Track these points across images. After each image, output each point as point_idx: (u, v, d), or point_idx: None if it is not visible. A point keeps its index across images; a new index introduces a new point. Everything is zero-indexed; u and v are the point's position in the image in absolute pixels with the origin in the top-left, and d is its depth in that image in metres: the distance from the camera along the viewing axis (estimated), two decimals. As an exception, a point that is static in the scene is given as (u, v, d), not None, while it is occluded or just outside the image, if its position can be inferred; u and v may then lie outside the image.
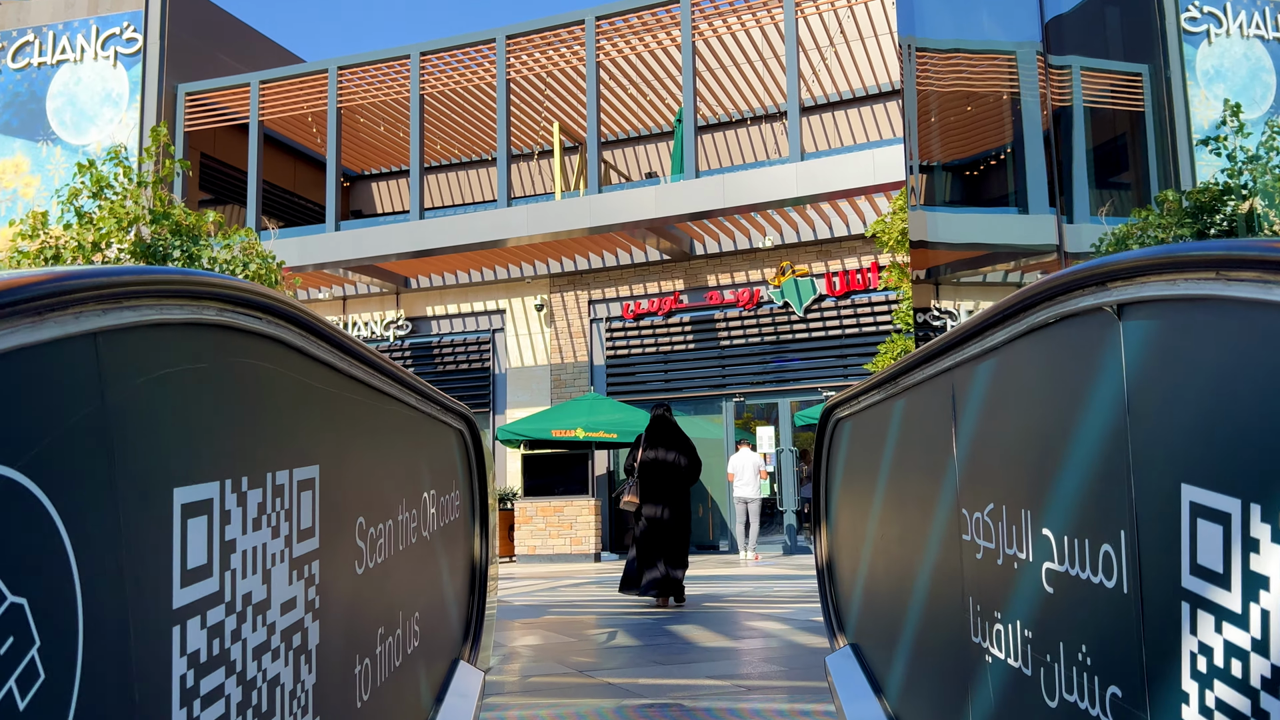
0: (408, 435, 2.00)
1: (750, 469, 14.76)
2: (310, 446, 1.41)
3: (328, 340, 1.45)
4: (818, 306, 16.12)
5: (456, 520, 2.50)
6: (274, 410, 1.29)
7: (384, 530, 1.78)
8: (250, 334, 1.19)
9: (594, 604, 8.15)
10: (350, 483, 1.60)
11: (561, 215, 15.36)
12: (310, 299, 19.66)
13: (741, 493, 14.55)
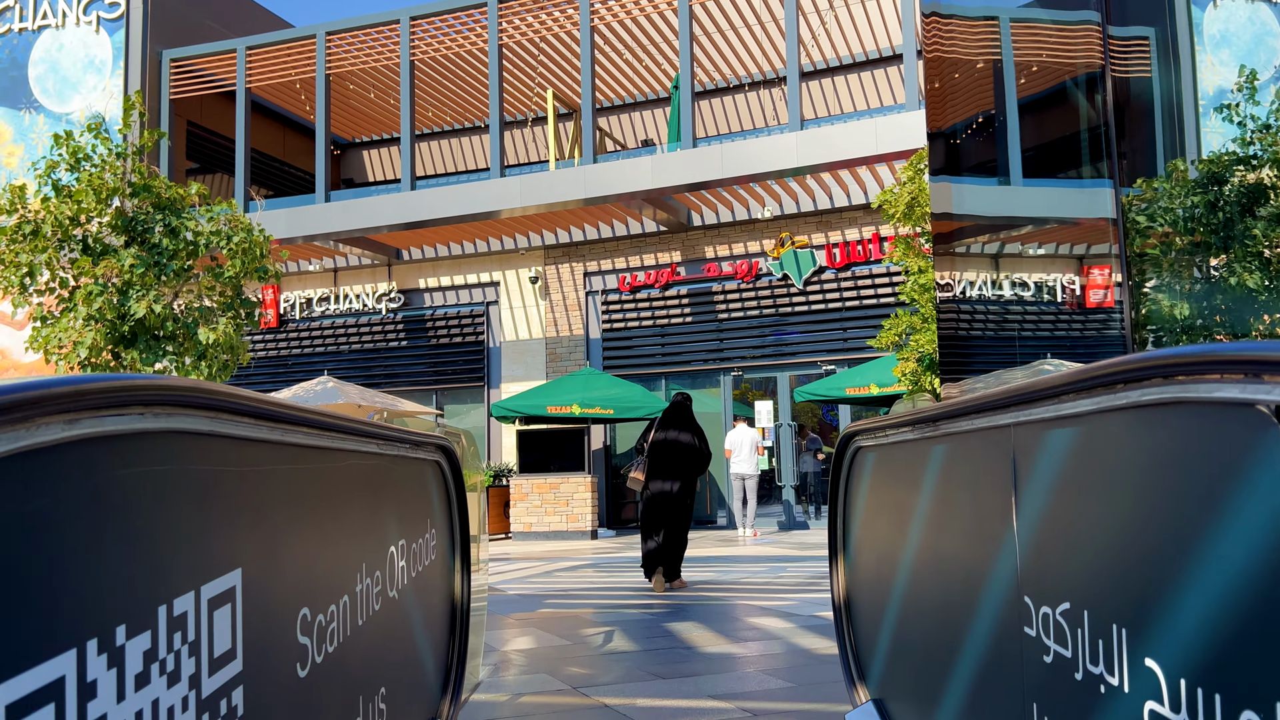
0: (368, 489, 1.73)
1: (748, 445, 14.51)
2: (228, 548, 1.13)
3: (248, 413, 1.16)
4: (817, 279, 15.81)
5: (433, 561, 2.24)
6: (167, 524, 1.01)
7: (337, 612, 1.51)
8: (120, 439, 0.90)
9: (590, 593, 7.93)
10: (289, 573, 1.33)
11: (556, 186, 14.99)
12: (300, 271, 19.32)
13: (738, 469, 14.30)
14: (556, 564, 10.64)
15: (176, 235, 12.65)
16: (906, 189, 9.71)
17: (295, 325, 19.45)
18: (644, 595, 7.60)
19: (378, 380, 18.56)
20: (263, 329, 19.52)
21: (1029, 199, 3.89)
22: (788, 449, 15.90)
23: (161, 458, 0.97)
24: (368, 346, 18.82)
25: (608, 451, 16.96)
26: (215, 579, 1.08)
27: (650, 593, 7.73)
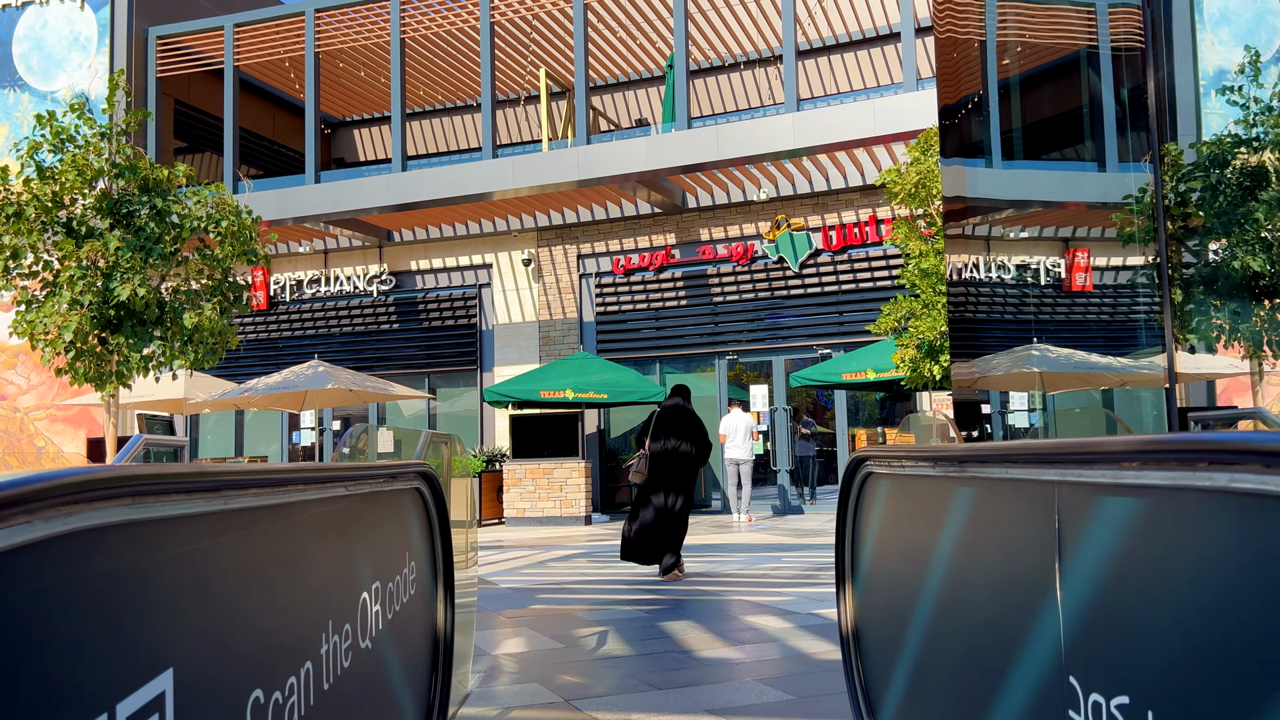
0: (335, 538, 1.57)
1: (742, 430, 14.39)
2: (155, 649, 0.97)
3: (179, 490, 0.99)
4: (813, 261, 15.63)
5: (413, 596, 2.08)
6: (68, 643, 0.84)
7: (297, 684, 1.35)
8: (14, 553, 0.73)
9: (584, 586, 7.79)
10: (237, 656, 1.17)
11: (549, 168, 14.76)
12: (290, 253, 19.08)
13: (733, 454, 14.18)
14: (549, 552, 10.51)
15: (163, 218, 12.41)
16: (914, 169, 9.51)
17: (285, 307, 19.23)
18: (638, 589, 7.48)
19: (369, 363, 18.37)
20: (253, 311, 19.29)
21: (1050, 183, 3.74)
22: (783, 433, 15.78)
23: (62, 565, 0.81)
24: (359, 329, 18.62)
25: (602, 436, 16.82)
26: (137, 690, 0.92)
27: (644, 586, 7.61)
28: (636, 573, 8.50)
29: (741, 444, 14.23)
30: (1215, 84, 8.19)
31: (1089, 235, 3.77)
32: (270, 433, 19.27)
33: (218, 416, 19.45)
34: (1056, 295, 3.84)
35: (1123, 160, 3.44)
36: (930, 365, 9.59)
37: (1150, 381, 3.42)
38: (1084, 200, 3.61)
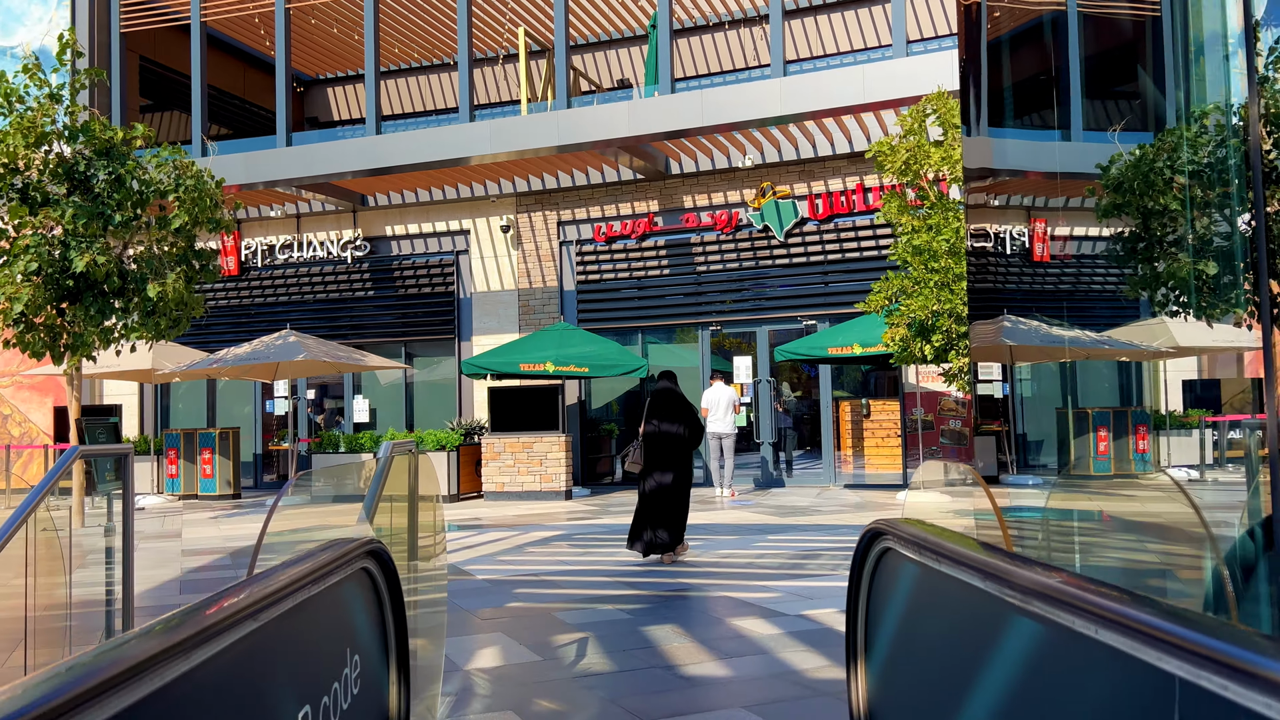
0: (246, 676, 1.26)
1: (724, 404, 14.13)
2: None
3: None
4: (799, 230, 15.28)
5: (356, 696, 1.78)
6: None
7: None
8: None
9: (564, 578, 7.53)
10: None
11: (528, 132, 14.29)
12: (261, 217, 18.53)
13: (715, 428, 13.91)
14: (528, 534, 10.24)
15: (121, 183, 11.90)
16: (904, 144, 9.16)
17: (257, 273, 18.72)
18: (619, 581, 7.22)
19: (343, 331, 17.95)
20: (223, 277, 18.78)
21: (1091, 154, 3.45)
22: (766, 405, 15.53)
23: None
24: (333, 296, 18.17)
25: (583, 407, 16.53)
26: None
27: (625, 577, 7.36)
28: (617, 560, 8.25)
29: (723, 418, 13.98)
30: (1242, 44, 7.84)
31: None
32: (243, 399, 18.86)
33: (189, 384, 19.00)
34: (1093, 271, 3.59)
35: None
36: (920, 344, 9.32)
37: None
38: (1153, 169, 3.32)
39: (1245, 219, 3.16)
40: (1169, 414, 5.24)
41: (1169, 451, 4.90)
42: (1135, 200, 3.45)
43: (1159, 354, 3.65)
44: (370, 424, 17.87)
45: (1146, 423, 4.24)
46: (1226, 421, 4.88)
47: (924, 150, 9.00)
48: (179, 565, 8.62)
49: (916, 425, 14.61)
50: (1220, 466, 4.63)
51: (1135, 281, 3.31)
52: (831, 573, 7.31)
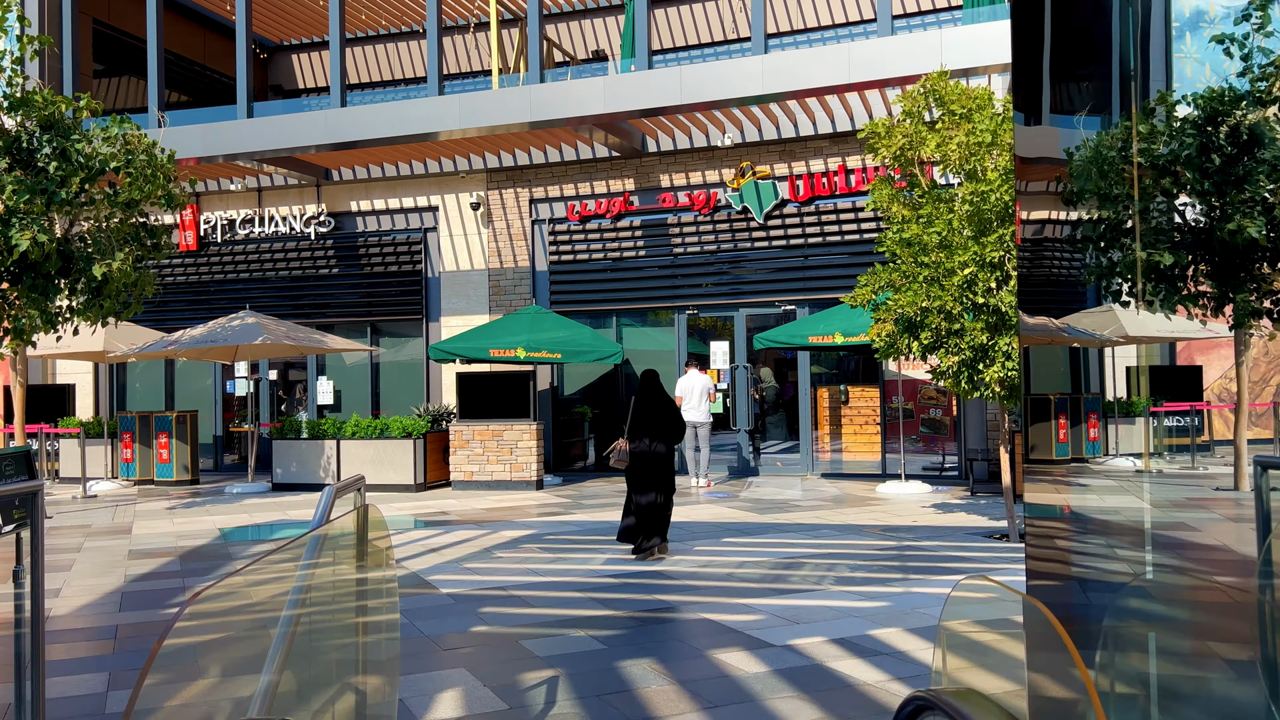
0: None
1: (698, 392, 13.76)
2: None
3: None
4: (779, 212, 14.83)
5: None
6: None
7: None
8: None
9: (534, 596, 7.10)
10: None
11: (499, 107, 13.70)
12: (221, 190, 17.81)
13: (690, 417, 13.53)
14: (498, 533, 9.81)
15: (66, 158, 11.22)
16: (902, 128, 8.70)
17: (216, 249, 18.03)
18: (593, 599, 6.81)
19: (307, 310, 17.34)
20: (181, 252, 18.08)
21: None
22: (743, 392, 15.15)
23: None
24: (295, 273, 17.53)
25: (555, 393, 16.07)
26: None
27: (599, 593, 6.96)
28: (590, 569, 7.85)
29: (698, 406, 13.62)
30: (1191, 27, 7.40)
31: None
32: (203, 379, 18.22)
33: (146, 364, 18.33)
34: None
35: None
36: (908, 341, 8.93)
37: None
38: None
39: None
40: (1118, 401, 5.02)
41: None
42: (1093, 186, 3.15)
43: (1109, 341, 3.43)
44: (335, 406, 17.33)
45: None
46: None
47: (920, 135, 8.56)
48: (124, 571, 8.11)
49: (897, 413, 14.29)
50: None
51: (1090, 269, 3.06)
52: (815, 588, 6.93)
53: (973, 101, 8.63)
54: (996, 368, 8.44)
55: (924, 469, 14.41)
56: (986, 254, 8.28)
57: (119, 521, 11.30)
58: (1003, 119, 8.43)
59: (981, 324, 8.46)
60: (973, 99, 8.67)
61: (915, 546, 8.52)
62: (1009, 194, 8.18)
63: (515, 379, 13.67)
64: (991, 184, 8.15)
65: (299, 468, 14.30)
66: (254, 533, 10.29)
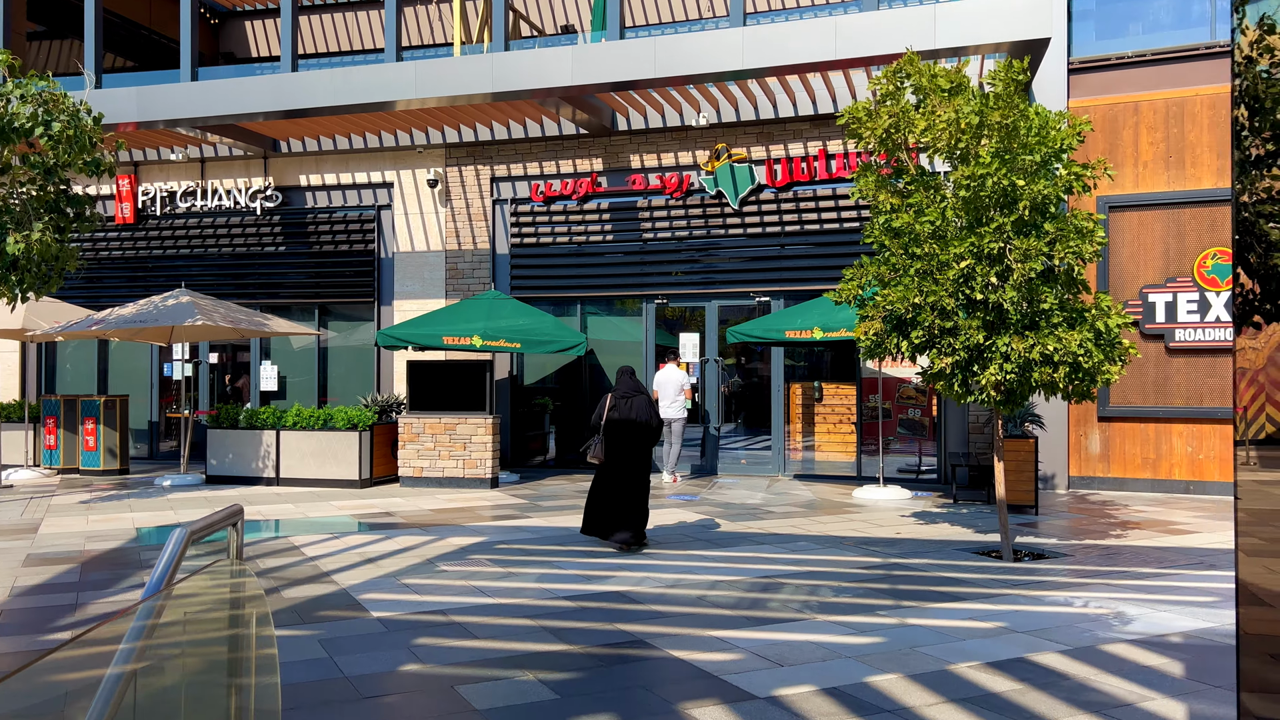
0: None
1: (673, 387, 13.02)
2: None
3: None
4: (755, 198, 14.03)
5: None
6: None
7: None
8: None
9: (477, 623, 6.25)
10: None
11: (458, 76, 12.74)
12: (161, 160, 16.67)
13: (664, 413, 12.82)
14: (444, 539, 8.94)
15: (-25, 118, 10.12)
16: (886, 109, 7.91)
17: (155, 222, 16.90)
18: (545, 629, 5.98)
19: (251, 290, 16.28)
20: (117, 225, 16.93)
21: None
22: (714, 387, 14.36)
23: None
24: (239, 250, 16.45)
25: (514, 384, 15.17)
26: None
27: (554, 619, 6.13)
28: (544, 588, 7.01)
29: (672, 401, 12.95)
30: None
31: None
32: (139, 362, 17.10)
33: (78, 344, 17.18)
34: None
35: None
36: (898, 340, 8.16)
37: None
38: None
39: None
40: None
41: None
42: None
43: None
44: (279, 393, 16.31)
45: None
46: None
47: (908, 117, 7.77)
48: (12, 582, 7.14)
49: (875, 413, 13.58)
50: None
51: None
52: (798, 616, 6.15)
53: (959, 77, 7.86)
54: (993, 370, 7.69)
55: (899, 471, 13.73)
56: (984, 245, 7.52)
57: (27, 518, 10.28)
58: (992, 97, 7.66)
59: (978, 322, 7.71)
60: (952, 77, 7.89)
61: (902, 565, 7.78)
62: (1006, 178, 7.42)
63: (471, 368, 12.77)
64: (988, 167, 7.38)
65: (235, 459, 13.30)
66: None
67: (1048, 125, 7.53)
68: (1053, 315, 7.58)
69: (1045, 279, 7.69)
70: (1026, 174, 7.48)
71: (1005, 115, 7.42)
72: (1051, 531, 9.46)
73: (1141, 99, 12.46)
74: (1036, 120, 7.52)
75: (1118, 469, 12.59)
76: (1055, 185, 7.44)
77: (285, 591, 6.83)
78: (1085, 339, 7.42)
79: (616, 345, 14.83)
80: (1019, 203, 7.45)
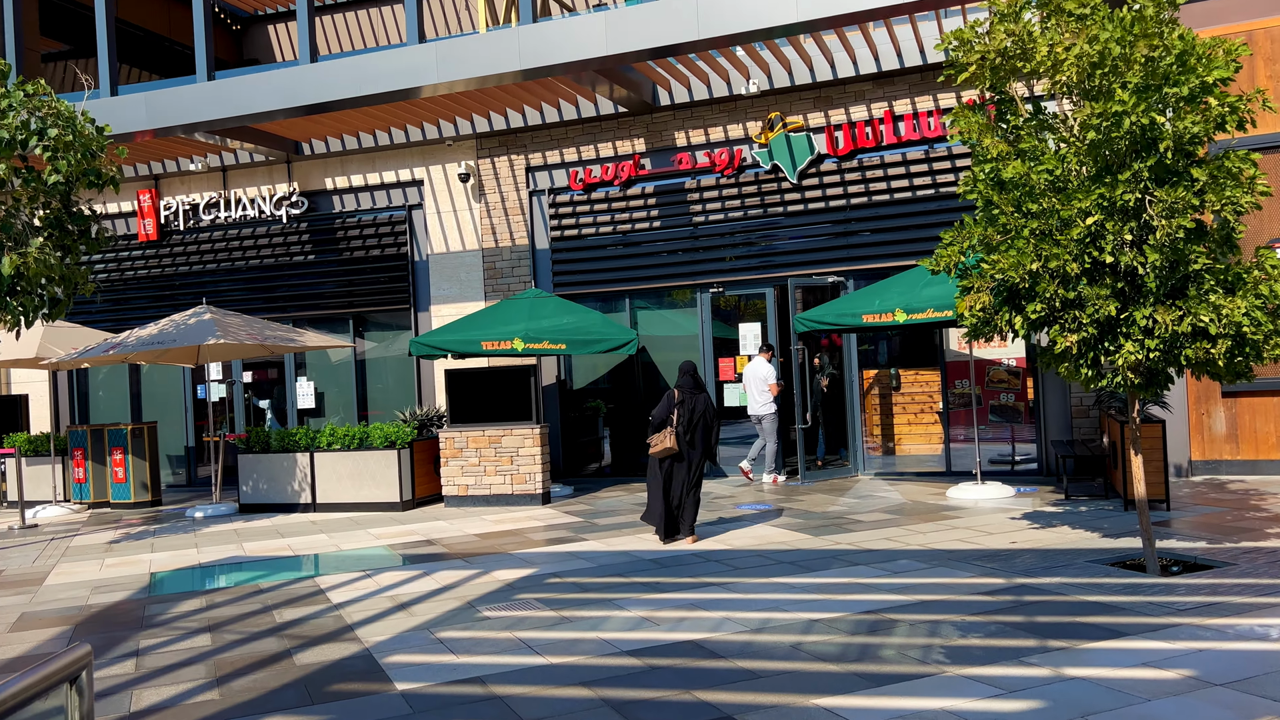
0: None
1: (756, 382, 12.17)
2: None
3: None
4: (815, 170, 12.72)
5: None
6: None
7: None
8: None
9: (525, 696, 5.11)
10: None
11: (484, 54, 11.59)
12: (181, 171, 15.83)
13: (754, 410, 12.31)
14: (490, 574, 7.84)
15: (-43, 128, 9.25)
16: (1003, 29, 6.57)
17: (179, 236, 16.08)
18: (610, 696, 4.82)
19: (281, 303, 15.38)
20: (140, 242, 16.15)
21: None
22: (796, 380, 13.08)
23: None
24: (268, 261, 15.55)
25: (563, 387, 14.05)
26: None
27: (613, 686, 4.98)
28: (605, 639, 5.85)
29: (760, 396, 12.09)
30: None
31: None
32: (172, 384, 16.30)
33: (110, 370, 16.45)
34: None
35: None
36: (1009, 315, 6.84)
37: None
38: None
39: None
40: None
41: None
42: None
43: None
44: (317, 410, 15.39)
45: None
46: None
47: (1030, 36, 6.44)
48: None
49: (966, 400, 12.20)
50: None
51: None
52: (921, 670, 4.89)
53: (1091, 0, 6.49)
54: (1131, 347, 6.34)
55: (991, 462, 12.35)
56: (1117, 196, 6.17)
57: (39, 565, 9.38)
58: (1133, 21, 6.27)
59: (1107, 290, 6.36)
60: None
61: (1033, 586, 6.47)
62: (1145, 115, 6.06)
63: (514, 375, 11.66)
64: (1125, 104, 6.02)
65: (269, 485, 12.36)
66: (190, 580, 8.33)
67: (1192, 51, 6.14)
68: (1204, 280, 6.20)
69: (1192, 237, 6.30)
70: (1170, 110, 6.11)
71: (1152, 44, 6.06)
72: (1194, 531, 8.06)
73: (1256, 27, 10.92)
74: (1179, 45, 6.14)
75: (1248, 450, 11.08)
76: (1207, 122, 6.05)
77: (299, 656, 5.75)
78: (1252, 306, 6.04)
79: (670, 341, 13.64)
80: (1160, 143, 6.08)
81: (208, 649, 6.01)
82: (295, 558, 9.10)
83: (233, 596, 7.53)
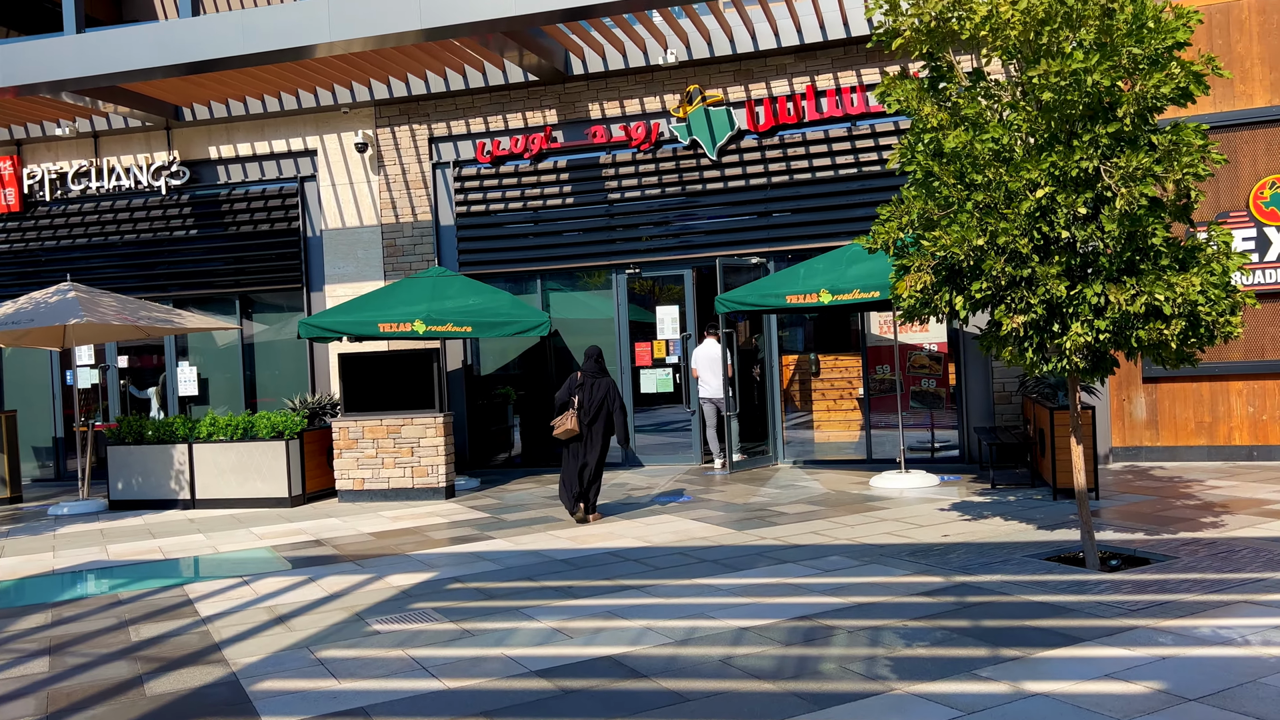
0: None
1: (705, 363, 11.73)
2: None
3: None
4: (736, 146, 12.17)
5: None
6: None
7: None
8: None
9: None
10: None
11: (383, 12, 10.65)
12: (47, 136, 14.44)
13: (705, 392, 11.86)
14: (384, 579, 7.08)
15: None
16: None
17: (45, 209, 14.71)
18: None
19: (161, 281, 14.18)
20: (1, 214, 14.72)
21: None
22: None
23: None
24: (145, 237, 14.32)
25: (470, 374, 13.25)
26: None
27: (527, 715, 4.30)
28: (511, 655, 5.17)
29: (713, 380, 11.80)
30: None
31: None
32: (39, 369, 14.93)
33: (-34, 352, 14.99)
34: None
35: None
36: (949, 295, 6.37)
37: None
38: None
39: None
40: None
41: None
42: None
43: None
44: (201, 398, 14.25)
45: None
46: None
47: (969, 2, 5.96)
48: None
49: (887, 386, 11.84)
50: None
51: None
52: (866, 687, 4.36)
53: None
54: (1079, 329, 5.92)
55: (911, 449, 12.04)
56: (1069, 165, 5.72)
57: None
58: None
59: (1059, 268, 5.93)
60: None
61: (973, 586, 6.02)
62: (1108, 78, 5.62)
63: (415, 359, 10.84)
64: (1085, 61, 5.57)
65: (143, 480, 11.29)
66: (37, 590, 7.34)
67: (1144, 12, 5.73)
68: (1161, 255, 5.82)
69: (1152, 209, 5.90)
70: (1130, 72, 5.69)
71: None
72: (1127, 521, 7.77)
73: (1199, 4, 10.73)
74: (1131, 7, 5.72)
75: (1168, 436, 10.97)
76: (1171, 83, 5.64)
77: (151, 684, 4.92)
78: (1208, 283, 5.67)
79: (585, 324, 12.96)
80: (1118, 108, 5.65)
81: (42, 677, 5.13)
82: (164, 562, 8.17)
83: (85, 610, 6.61)
